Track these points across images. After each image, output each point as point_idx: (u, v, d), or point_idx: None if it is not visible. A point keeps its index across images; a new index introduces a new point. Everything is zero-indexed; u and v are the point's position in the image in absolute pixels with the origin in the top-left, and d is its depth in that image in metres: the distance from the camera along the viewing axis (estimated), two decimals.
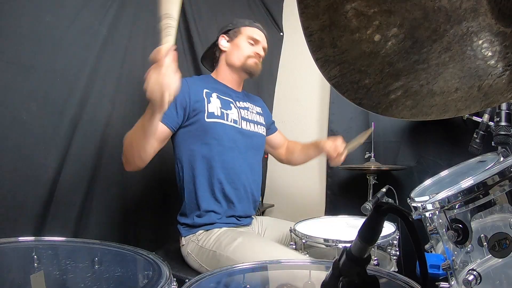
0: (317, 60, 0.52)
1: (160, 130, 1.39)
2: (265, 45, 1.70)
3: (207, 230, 1.46)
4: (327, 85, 2.53)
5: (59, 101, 1.50)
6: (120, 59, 1.75)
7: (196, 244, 1.44)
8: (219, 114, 1.51)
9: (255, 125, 1.66)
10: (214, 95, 1.55)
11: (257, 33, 1.66)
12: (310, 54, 0.52)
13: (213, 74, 1.70)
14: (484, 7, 0.48)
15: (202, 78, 1.66)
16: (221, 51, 1.66)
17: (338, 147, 1.64)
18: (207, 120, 1.48)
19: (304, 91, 2.71)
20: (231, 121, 1.54)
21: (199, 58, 2.14)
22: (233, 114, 1.56)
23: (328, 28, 0.50)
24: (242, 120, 1.59)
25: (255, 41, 1.65)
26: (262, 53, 1.66)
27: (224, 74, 1.66)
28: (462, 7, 0.49)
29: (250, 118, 1.64)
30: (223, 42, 1.65)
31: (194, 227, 1.48)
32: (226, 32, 1.66)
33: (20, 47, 1.38)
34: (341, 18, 0.50)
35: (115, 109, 1.71)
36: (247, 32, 1.64)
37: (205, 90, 1.53)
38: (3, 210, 1.34)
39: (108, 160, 1.68)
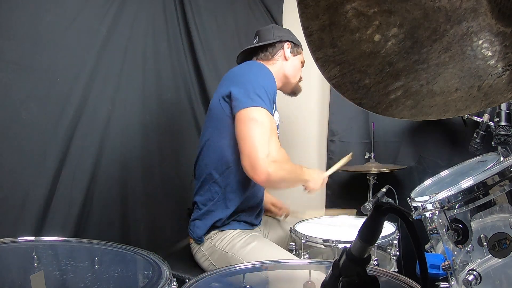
0: (317, 60, 0.52)
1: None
2: None
3: (222, 231, 1.43)
4: (327, 85, 2.53)
5: (59, 101, 1.50)
6: (120, 59, 1.75)
7: (209, 242, 1.42)
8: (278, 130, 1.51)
9: None
10: (275, 108, 1.49)
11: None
12: (310, 54, 0.52)
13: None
14: (484, 7, 0.48)
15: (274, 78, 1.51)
16: (282, 57, 1.61)
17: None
18: None
19: (304, 91, 2.70)
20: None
21: (199, 58, 2.14)
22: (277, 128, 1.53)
23: (328, 28, 0.50)
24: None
25: (302, 66, 1.69)
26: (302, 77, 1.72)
27: (277, 79, 1.57)
28: (462, 7, 0.49)
29: (278, 130, 1.60)
30: (288, 51, 1.60)
31: (209, 228, 1.44)
32: (288, 42, 1.61)
33: (20, 47, 1.38)
34: (341, 18, 0.50)
35: (115, 109, 1.71)
36: (302, 55, 1.67)
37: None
38: (3, 210, 1.34)
39: (108, 160, 1.68)
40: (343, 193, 2.42)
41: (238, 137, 1.33)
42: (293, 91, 1.72)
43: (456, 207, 0.90)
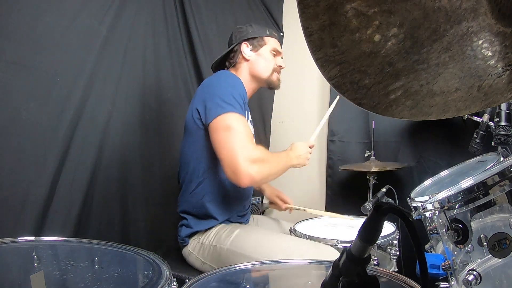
0: (317, 60, 0.52)
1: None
2: (282, 54, 1.66)
3: (207, 229, 1.46)
4: (327, 85, 2.53)
5: (59, 101, 1.50)
6: (120, 59, 1.74)
7: (197, 242, 1.44)
8: (253, 133, 1.50)
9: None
10: (247, 112, 1.49)
11: (278, 44, 1.62)
12: (310, 54, 0.52)
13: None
14: (484, 7, 0.48)
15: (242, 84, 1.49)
16: (242, 59, 1.58)
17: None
18: None
19: (304, 91, 2.71)
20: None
21: (199, 58, 2.14)
22: (252, 131, 1.53)
23: (328, 28, 0.50)
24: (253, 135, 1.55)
25: (277, 53, 1.62)
26: (283, 64, 1.63)
27: (244, 83, 1.54)
28: (462, 7, 0.49)
29: (253, 133, 1.60)
30: (246, 51, 1.56)
31: (196, 229, 1.46)
32: (247, 40, 1.57)
33: (20, 47, 1.38)
34: (341, 18, 0.50)
35: (115, 109, 1.71)
36: (271, 43, 1.59)
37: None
38: (3, 210, 1.33)
39: (108, 160, 1.68)
40: (343, 193, 2.43)
41: (215, 147, 1.33)
42: (268, 85, 1.63)
43: (456, 207, 0.90)
